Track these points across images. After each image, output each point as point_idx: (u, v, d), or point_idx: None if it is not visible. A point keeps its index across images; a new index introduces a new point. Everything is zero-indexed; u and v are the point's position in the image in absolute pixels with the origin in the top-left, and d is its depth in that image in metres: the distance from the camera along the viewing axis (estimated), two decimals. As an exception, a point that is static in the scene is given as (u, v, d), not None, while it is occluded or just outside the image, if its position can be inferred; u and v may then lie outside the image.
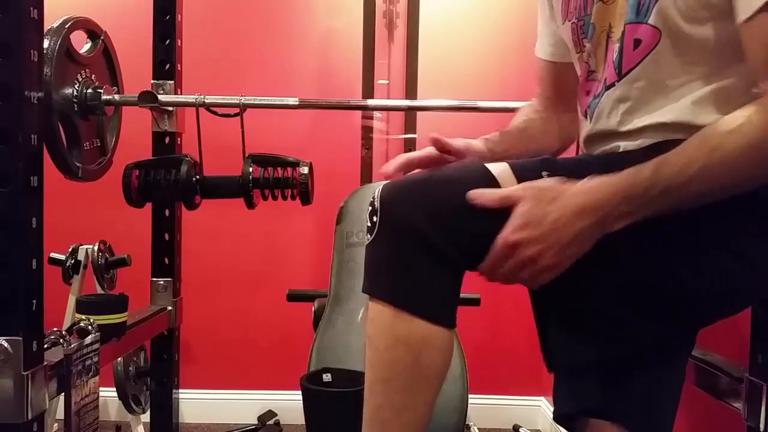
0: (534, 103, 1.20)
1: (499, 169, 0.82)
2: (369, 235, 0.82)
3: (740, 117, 0.75)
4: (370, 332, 0.82)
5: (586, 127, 0.99)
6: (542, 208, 0.76)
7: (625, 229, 0.77)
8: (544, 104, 1.17)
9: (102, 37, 1.60)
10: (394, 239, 0.79)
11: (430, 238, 0.77)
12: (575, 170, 0.81)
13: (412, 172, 0.96)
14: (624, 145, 0.91)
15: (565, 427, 1.05)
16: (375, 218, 0.81)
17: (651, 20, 0.85)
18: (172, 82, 1.76)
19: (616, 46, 0.90)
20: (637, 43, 0.87)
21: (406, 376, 0.80)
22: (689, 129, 0.81)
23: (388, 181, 0.84)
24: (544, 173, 0.81)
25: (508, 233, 0.77)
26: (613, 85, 0.91)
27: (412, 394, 0.80)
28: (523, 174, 0.82)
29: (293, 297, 1.93)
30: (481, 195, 0.78)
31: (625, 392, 0.95)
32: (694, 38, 0.83)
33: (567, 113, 1.11)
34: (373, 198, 0.82)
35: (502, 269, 0.79)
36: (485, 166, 0.83)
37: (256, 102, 1.64)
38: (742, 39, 0.79)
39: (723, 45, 0.82)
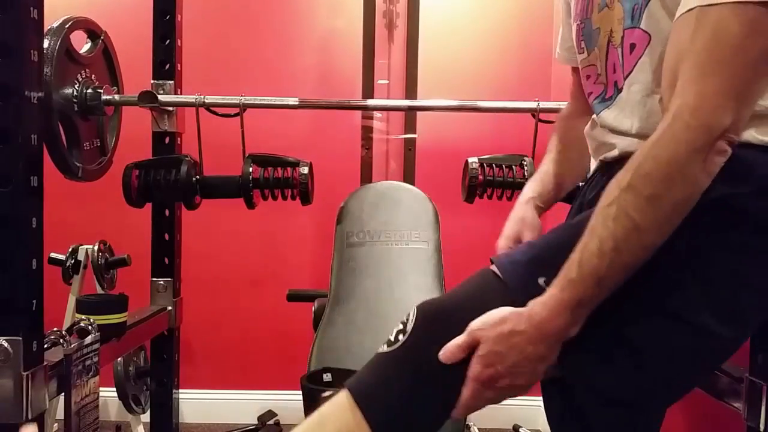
0: (571, 106, 1.21)
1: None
2: (385, 347, 0.81)
3: (630, 170, 0.73)
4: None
5: (592, 125, 1.01)
6: (502, 345, 0.76)
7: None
8: (579, 105, 1.17)
9: (102, 37, 1.60)
10: (412, 369, 0.79)
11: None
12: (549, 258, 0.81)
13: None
14: (621, 145, 0.91)
15: None
16: (401, 337, 0.80)
17: (642, 24, 0.85)
18: (172, 82, 1.77)
19: (619, 51, 0.91)
20: (632, 47, 0.88)
21: None
22: None
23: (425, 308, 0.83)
24: (540, 280, 0.80)
25: (480, 370, 0.77)
26: (621, 89, 0.92)
27: None
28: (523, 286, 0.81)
29: (293, 297, 1.93)
30: (449, 352, 0.78)
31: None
32: None
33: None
34: (408, 319, 0.82)
35: (484, 400, 0.80)
36: (505, 283, 0.82)
37: (256, 102, 1.64)
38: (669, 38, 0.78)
39: None
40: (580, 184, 1.13)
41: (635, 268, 0.74)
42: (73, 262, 1.88)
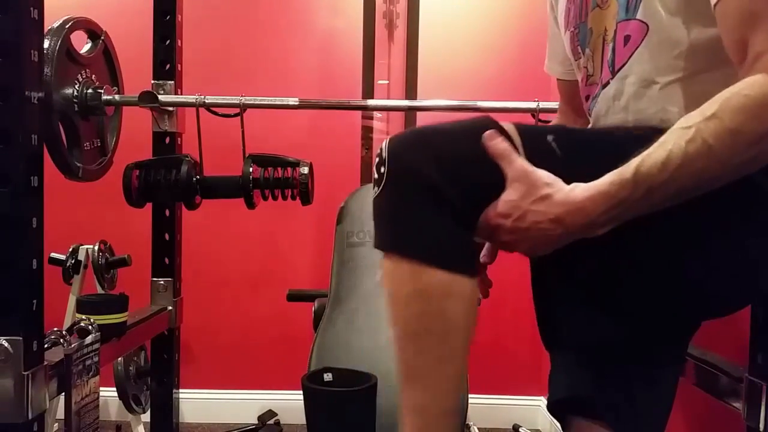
0: (558, 121, 1.22)
1: (507, 126, 0.82)
2: (376, 188, 0.80)
3: (716, 102, 0.74)
4: (388, 288, 0.80)
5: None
6: (527, 203, 0.77)
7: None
8: (567, 121, 1.18)
9: (102, 37, 1.60)
10: (403, 188, 0.78)
11: (439, 185, 0.76)
12: (581, 150, 0.82)
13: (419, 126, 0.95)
14: None
15: (556, 419, 1.05)
16: (383, 169, 0.79)
17: (639, 15, 0.86)
18: (173, 82, 1.77)
19: (610, 46, 0.91)
20: (627, 39, 0.88)
21: (435, 329, 0.79)
22: None
23: (395, 134, 0.83)
24: (549, 137, 0.81)
25: (491, 215, 0.79)
26: (608, 83, 0.92)
27: (444, 345, 0.80)
28: (528, 136, 0.81)
29: (293, 297, 1.93)
30: (491, 138, 0.78)
31: (618, 390, 0.95)
32: (679, 34, 0.84)
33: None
34: (381, 149, 0.81)
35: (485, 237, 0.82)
36: (496, 121, 0.82)
37: (256, 102, 1.64)
38: (718, 24, 0.78)
39: (708, 46, 0.83)
40: None
41: (688, 195, 0.75)
42: (73, 262, 1.88)
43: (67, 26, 1.44)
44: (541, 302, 0.93)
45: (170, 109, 1.75)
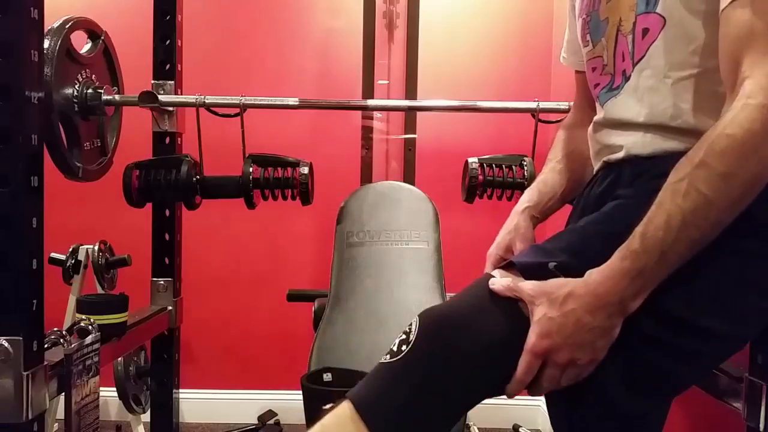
0: (573, 116, 1.20)
1: (500, 273, 0.83)
2: (388, 356, 0.79)
3: (702, 147, 0.73)
4: (326, 423, 0.79)
5: (595, 127, 1.01)
6: (558, 310, 0.76)
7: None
8: (582, 115, 1.16)
9: (102, 37, 1.60)
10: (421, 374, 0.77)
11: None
12: (587, 248, 0.81)
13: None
14: (627, 144, 0.91)
15: None
16: (404, 347, 0.78)
17: (659, 8, 0.86)
18: (173, 82, 1.77)
19: (629, 38, 0.91)
20: (645, 32, 0.88)
21: None
22: (687, 133, 0.83)
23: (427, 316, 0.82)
24: (550, 265, 0.80)
25: (535, 341, 0.76)
26: (630, 76, 0.92)
27: None
28: (530, 272, 0.81)
29: (293, 297, 1.93)
30: (501, 285, 0.79)
31: None
32: (696, 31, 0.84)
33: None
34: (411, 325, 0.80)
35: (542, 379, 0.78)
36: (490, 275, 0.83)
37: (256, 102, 1.64)
38: (719, 38, 0.78)
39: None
40: None
41: (701, 244, 0.74)
42: (73, 262, 1.88)
43: (67, 26, 1.44)
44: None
45: (170, 109, 1.75)
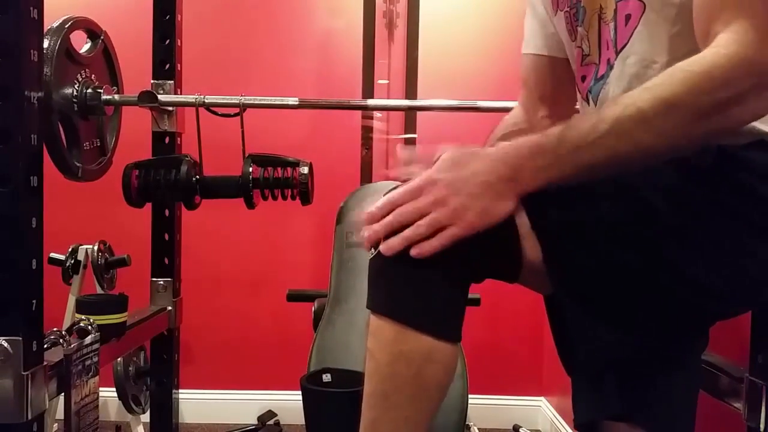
0: (519, 110, 1.18)
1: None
2: (373, 249, 0.80)
3: (661, 76, 0.74)
4: (371, 346, 0.80)
5: (588, 111, 0.99)
6: (459, 157, 0.77)
7: (638, 221, 0.77)
8: (536, 106, 1.14)
9: (102, 37, 1.60)
10: (400, 252, 0.77)
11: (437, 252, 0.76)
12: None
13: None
14: None
15: None
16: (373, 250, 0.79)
17: None
18: (172, 82, 1.76)
19: (611, 25, 0.90)
20: (627, 18, 0.87)
21: (405, 391, 0.78)
22: None
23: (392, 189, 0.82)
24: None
25: (432, 171, 0.77)
26: (613, 65, 0.90)
27: (411, 407, 0.79)
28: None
29: (293, 297, 1.93)
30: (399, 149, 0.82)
31: (645, 397, 0.93)
32: (677, 13, 0.83)
33: (567, 110, 1.10)
34: None
35: (414, 204, 0.77)
36: None
37: (256, 102, 1.64)
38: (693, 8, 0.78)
39: None
40: None
41: (618, 165, 0.74)
42: (73, 262, 1.88)
43: (66, 26, 1.44)
44: (557, 330, 0.93)
45: (170, 108, 1.74)
